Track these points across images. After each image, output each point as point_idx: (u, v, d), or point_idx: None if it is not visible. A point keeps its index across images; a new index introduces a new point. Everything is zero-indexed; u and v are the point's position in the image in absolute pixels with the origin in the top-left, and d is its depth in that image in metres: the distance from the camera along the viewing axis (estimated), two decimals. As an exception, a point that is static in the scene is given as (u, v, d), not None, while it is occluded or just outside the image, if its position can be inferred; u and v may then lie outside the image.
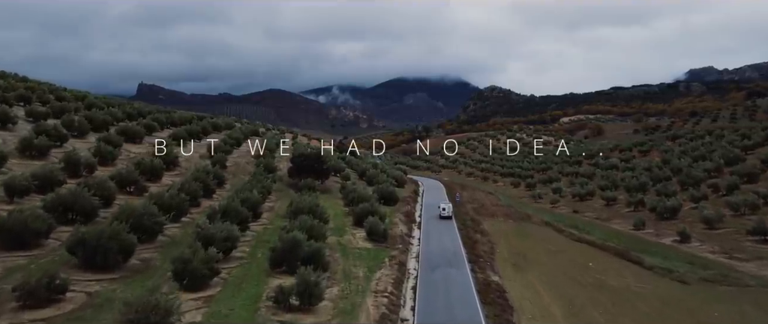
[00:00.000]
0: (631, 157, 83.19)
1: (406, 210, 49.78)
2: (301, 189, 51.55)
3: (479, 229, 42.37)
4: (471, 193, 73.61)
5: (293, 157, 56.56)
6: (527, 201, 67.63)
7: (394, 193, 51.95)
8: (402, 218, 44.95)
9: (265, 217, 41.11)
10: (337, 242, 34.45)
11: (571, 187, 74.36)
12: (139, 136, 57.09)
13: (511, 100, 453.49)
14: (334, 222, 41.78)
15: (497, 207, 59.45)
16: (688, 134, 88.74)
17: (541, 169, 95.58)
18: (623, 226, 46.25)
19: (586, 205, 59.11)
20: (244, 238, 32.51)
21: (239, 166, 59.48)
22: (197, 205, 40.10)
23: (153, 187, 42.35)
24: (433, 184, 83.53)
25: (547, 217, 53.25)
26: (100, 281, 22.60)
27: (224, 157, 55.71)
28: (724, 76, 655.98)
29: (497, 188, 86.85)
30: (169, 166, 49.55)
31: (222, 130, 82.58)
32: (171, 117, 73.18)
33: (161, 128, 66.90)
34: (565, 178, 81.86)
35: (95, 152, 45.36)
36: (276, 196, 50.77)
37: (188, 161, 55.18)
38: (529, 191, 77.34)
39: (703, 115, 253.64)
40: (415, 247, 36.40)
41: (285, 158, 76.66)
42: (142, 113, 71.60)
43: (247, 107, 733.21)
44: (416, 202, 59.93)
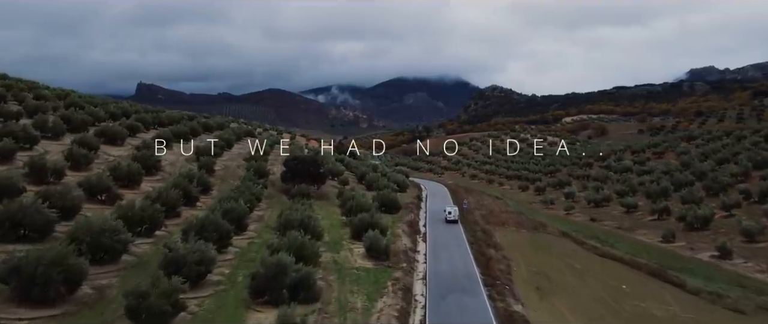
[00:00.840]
0: (646, 159, 78.76)
1: (410, 219, 45.38)
2: (295, 196, 47.16)
3: (491, 242, 37.94)
4: (477, 198, 69.19)
5: (287, 161, 52.16)
6: (538, 207, 63.21)
7: (395, 200, 47.57)
8: (405, 229, 40.54)
9: (253, 228, 36.72)
10: (333, 260, 30.06)
11: (584, 190, 69.98)
12: (121, 138, 52.69)
13: (513, 99, 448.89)
14: (330, 234, 37.40)
15: (507, 214, 55.05)
16: (705, 135, 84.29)
17: (548, 172, 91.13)
18: (650, 237, 41.75)
19: (604, 213, 54.68)
20: (224, 257, 28.14)
21: (229, 170, 55.08)
22: (177, 215, 35.76)
23: (129, 195, 38.02)
24: (436, 188, 79.11)
25: (563, 226, 48.86)
26: (34, 321, 18.18)
27: (212, 161, 51.28)
28: (726, 76, 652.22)
29: (504, 192, 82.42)
30: (149, 170, 45.13)
31: (213, 130, 78.19)
32: (158, 117, 68.76)
33: (147, 129, 62.49)
34: (576, 182, 77.46)
35: (67, 156, 40.99)
36: (267, 204, 46.40)
37: (173, 165, 50.76)
38: (539, 196, 72.88)
39: (709, 114, 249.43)
40: (421, 264, 31.99)
41: (283, 159, 72.47)
42: (127, 113, 67.25)
43: (246, 107, 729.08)
44: (420, 209, 55.54)
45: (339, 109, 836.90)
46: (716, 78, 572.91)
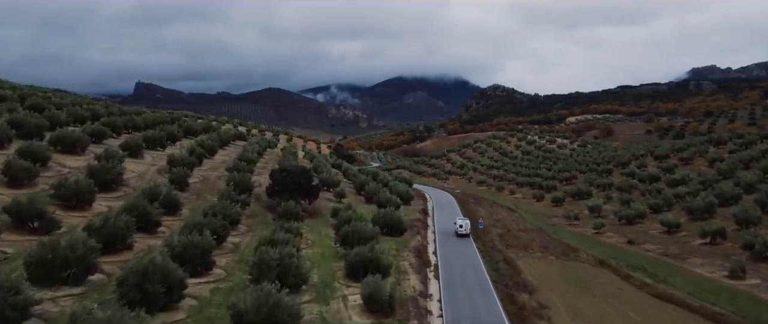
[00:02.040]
0: (673, 166, 71.54)
1: (417, 244, 38.15)
2: (281, 216, 39.94)
3: (519, 278, 30.71)
4: (489, 210, 61.94)
5: (273, 173, 44.92)
6: (559, 222, 55.92)
7: (399, 220, 40.35)
8: (412, 261, 33.27)
9: (224, 263, 29.45)
10: (320, 316, 22.79)
11: (608, 202, 62.66)
12: (82, 145, 45.35)
13: (515, 99, 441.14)
14: (320, 269, 30.18)
15: (528, 233, 47.82)
16: (736, 138, 76.96)
17: (564, 179, 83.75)
18: (709, 269, 34.36)
19: (640, 232, 47.40)
20: (173, 317, 20.97)
21: (208, 183, 47.79)
22: (128, 248, 28.62)
23: (74, 219, 30.92)
24: (442, 198, 71.91)
25: (596, 250, 41.62)
26: None
27: (186, 173, 43.94)
28: (729, 75, 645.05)
29: (516, 202, 75.14)
30: (108, 185, 37.91)
31: (198, 134, 70.84)
32: (132, 120, 61.39)
33: (117, 134, 55.23)
34: (596, 191, 70.14)
35: (4, 169, 33.78)
36: (248, 225, 39.22)
37: (141, 178, 43.47)
38: (557, 207, 65.50)
39: (718, 114, 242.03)
40: (435, 318, 24.71)
41: (278, 161, 64.98)
42: (97, 115, 59.96)
43: (245, 106, 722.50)
44: (427, 227, 48.28)
45: (338, 108, 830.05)
46: (718, 77, 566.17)
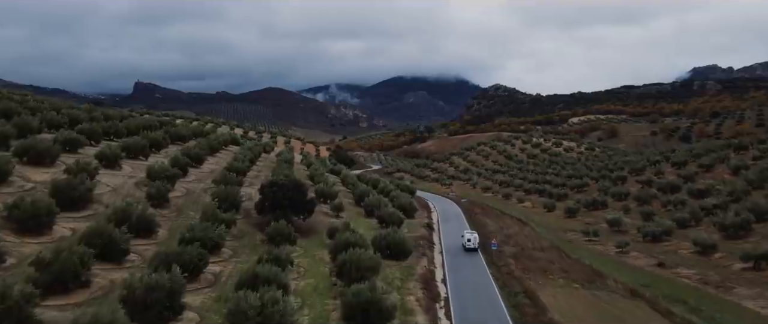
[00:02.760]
0: (693, 174, 67.05)
1: (423, 272, 33.70)
2: (270, 238, 35.52)
3: (545, 319, 26.20)
4: (500, 223, 57.52)
5: (263, 187, 40.45)
6: (577, 238, 51.36)
7: (403, 243, 35.86)
8: (419, 294, 28.79)
9: (199, 302, 24.97)
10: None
11: (627, 213, 58.21)
12: (52, 156, 40.91)
13: (517, 99, 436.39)
14: (312, 310, 25.73)
15: (544, 252, 43.38)
16: (758, 144, 72.41)
17: (575, 186, 79.21)
18: (761, 303, 29.69)
19: (669, 252, 42.69)
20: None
21: (192, 197, 43.32)
22: (84, 285, 24.20)
23: (28, 248, 26.60)
24: (447, 207, 67.57)
25: (624, 274, 37.10)
26: None
27: (166, 187, 39.40)
28: (731, 75, 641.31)
29: (526, 211, 70.65)
30: (75, 204, 33.51)
31: (186, 140, 66.41)
32: (114, 126, 56.88)
33: (96, 141, 50.85)
34: (612, 201, 65.61)
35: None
36: (232, 249, 34.73)
37: (116, 192, 39.00)
38: (572, 219, 60.93)
39: (725, 115, 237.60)
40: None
41: (272, 169, 60.32)
42: (77, 120, 55.58)
43: (245, 106, 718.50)
44: (433, 246, 43.81)
45: (338, 108, 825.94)
46: (720, 76, 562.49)
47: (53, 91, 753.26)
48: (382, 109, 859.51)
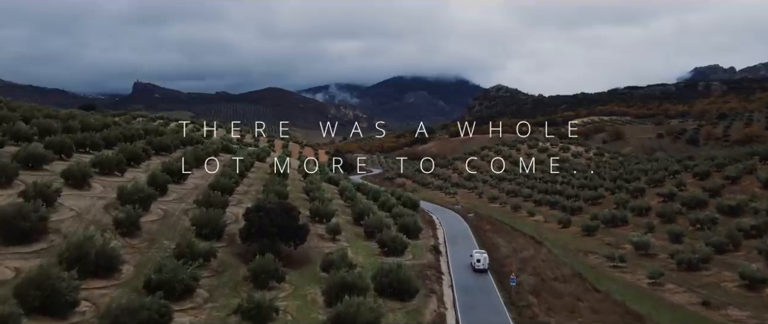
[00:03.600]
0: (720, 187, 62.08)
1: (432, 318, 28.70)
2: (254, 276, 30.53)
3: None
4: (513, 244, 52.53)
5: (248, 212, 35.45)
6: (600, 263, 46.26)
7: (409, 280, 30.84)
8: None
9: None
10: None
11: (650, 232, 53.20)
12: (8, 176, 35.96)
13: (519, 100, 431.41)
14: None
15: (567, 284, 38.43)
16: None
17: (590, 198, 74.07)
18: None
19: (710, 285, 37.28)
20: None
21: (169, 221, 38.25)
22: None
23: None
24: (455, 225, 62.50)
25: (662, 314, 32.10)
26: None
27: (138, 213, 34.26)
28: (734, 75, 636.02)
29: (537, 226, 65.64)
30: (27, 235, 28.60)
31: (172, 150, 61.27)
32: (90, 137, 51.70)
33: (67, 156, 45.74)
34: (632, 216, 60.51)
35: None
36: (209, 289, 29.70)
37: (79, 219, 33.99)
38: (591, 238, 55.82)
39: (733, 117, 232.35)
40: None
41: (269, 180, 54.86)
42: (49, 130, 50.42)
43: (244, 106, 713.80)
44: (442, 279, 38.80)
45: (338, 108, 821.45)
46: (722, 77, 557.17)
47: (53, 91, 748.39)
48: (382, 109, 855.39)
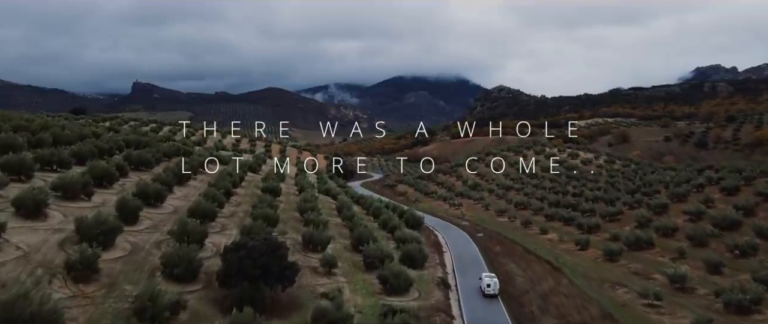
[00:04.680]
0: (752, 205, 56.53)
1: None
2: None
3: None
4: (528, 271, 47.28)
5: (226, 251, 30.15)
6: (630, 300, 40.94)
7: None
8: None
9: None
10: None
11: (681, 257, 47.95)
12: (-52, 206, 30.67)
13: (521, 101, 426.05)
14: None
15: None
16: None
17: (607, 214, 68.68)
18: None
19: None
20: None
21: (136, 258, 32.86)
22: None
23: None
24: (463, 248, 57.19)
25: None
26: None
27: (96, 253, 28.89)
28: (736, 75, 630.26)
29: (552, 246, 60.29)
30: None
31: (152, 165, 55.81)
32: (59, 154, 46.22)
33: (27, 177, 40.47)
34: (657, 237, 55.18)
35: None
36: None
37: (27, 259, 28.80)
38: (615, 264, 50.45)
39: (742, 119, 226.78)
40: None
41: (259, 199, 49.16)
42: (11, 146, 45.03)
43: (244, 106, 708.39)
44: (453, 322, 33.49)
45: (338, 108, 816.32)
46: (724, 77, 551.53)
47: (52, 91, 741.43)
48: (382, 109, 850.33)
